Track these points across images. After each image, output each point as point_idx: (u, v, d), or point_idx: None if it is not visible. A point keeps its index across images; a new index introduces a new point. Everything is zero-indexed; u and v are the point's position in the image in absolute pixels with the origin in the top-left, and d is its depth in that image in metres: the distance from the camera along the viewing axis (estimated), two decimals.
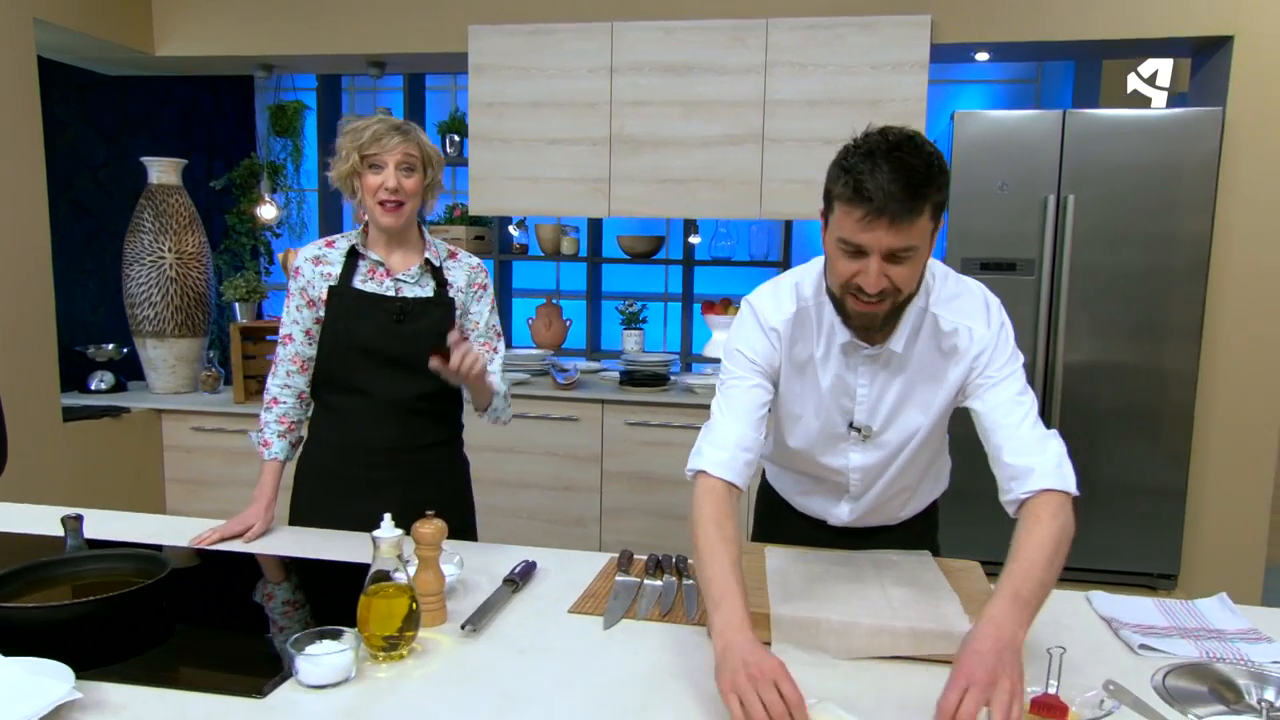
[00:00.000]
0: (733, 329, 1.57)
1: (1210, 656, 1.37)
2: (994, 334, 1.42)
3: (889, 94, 3.36)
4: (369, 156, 1.82)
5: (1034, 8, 3.30)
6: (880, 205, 1.25)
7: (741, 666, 1.12)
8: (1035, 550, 1.25)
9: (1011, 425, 1.37)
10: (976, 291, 1.47)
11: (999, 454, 1.37)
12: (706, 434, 1.49)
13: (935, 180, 1.28)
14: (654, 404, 3.59)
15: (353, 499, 1.95)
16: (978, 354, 1.42)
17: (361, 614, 1.29)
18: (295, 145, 5.32)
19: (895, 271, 1.32)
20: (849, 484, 1.62)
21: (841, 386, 1.51)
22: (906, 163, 1.26)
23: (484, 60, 3.66)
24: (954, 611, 1.39)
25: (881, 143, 1.30)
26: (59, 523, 1.65)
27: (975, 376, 1.42)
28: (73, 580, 1.47)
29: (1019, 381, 1.41)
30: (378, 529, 1.31)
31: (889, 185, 1.25)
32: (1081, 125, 3.20)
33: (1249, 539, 3.31)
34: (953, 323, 1.43)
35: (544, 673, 1.28)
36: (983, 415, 1.41)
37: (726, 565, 1.30)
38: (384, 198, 1.83)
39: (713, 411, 1.52)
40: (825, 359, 1.51)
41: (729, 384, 1.51)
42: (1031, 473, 1.32)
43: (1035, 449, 1.34)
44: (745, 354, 1.51)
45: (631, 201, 3.62)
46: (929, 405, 1.49)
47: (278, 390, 1.97)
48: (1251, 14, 3.16)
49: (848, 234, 1.31)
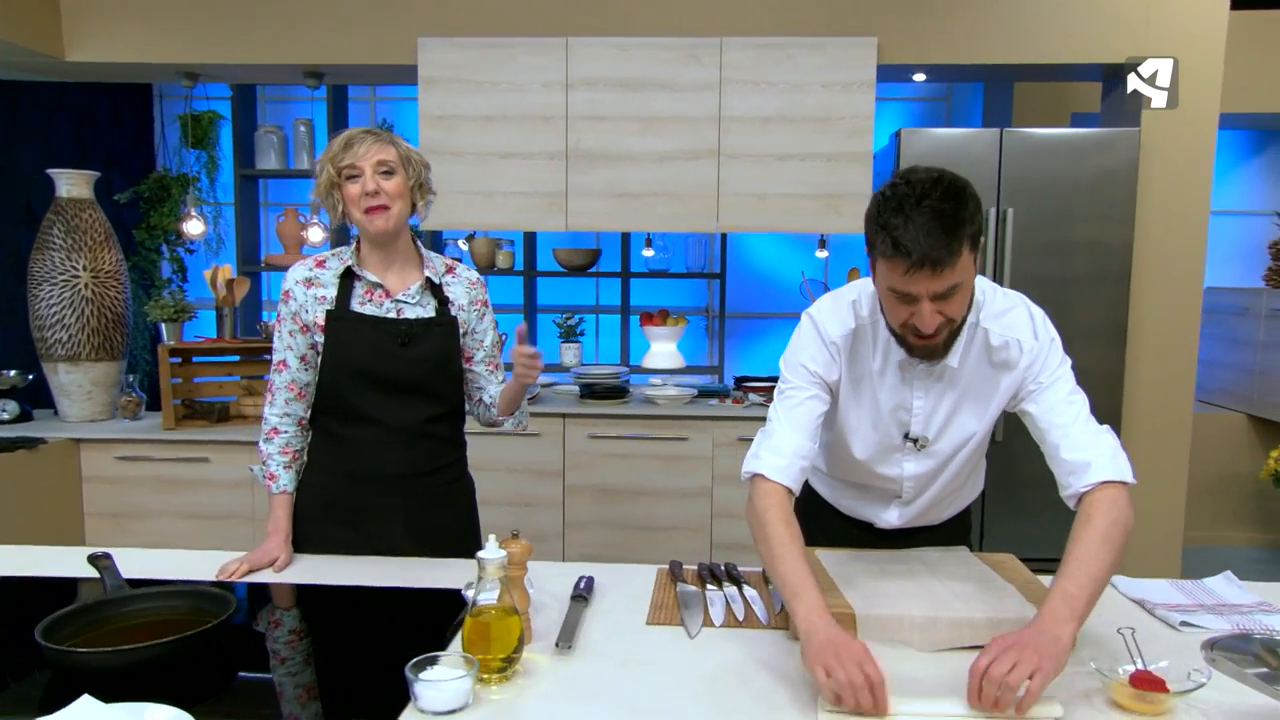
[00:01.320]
0: (794, 341, 1.61)
1: (1240, 629, 1.50)
2: (1043, 345, 1.51)
3: (839, 111, 3.51)
4: (344, 168, 1.77)
5: (969, 33, 3.52)
6: (920, 257, 1.30)
7: (828, 645, 1.20)
8: (1084, 549, 1.34)
9: (1066, 424, 1.47)
10: (1021, 305, 1.56)
11: (1056, 452, 1.46)
12: (765, 440, 1.53)
13: (967, 217, 1.34)
14: (615, 416, 3.61)
15: (360, 528, 1.89)
16: (1029, 364, 1.51)
17: (472, 636, 1.27)
18: (211, 157, 5.07)
19: (946, 307, 1.39)
20: (901, 490, 1.69)
21: (898, 400, 1.58)
22: (936, 209, 1.31)
23: (434, 73, 3.61)
24: (1018, 600, 1.48)
25: (909, 194, 1.33)
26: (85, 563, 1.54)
27: (1028, 384, 1.51)
28: (127, 620, 1.39)
29: (1069, 383, 1.51)
30: (482, 550, 1.29)
31: (924, 237, 1.30)
32: (1017, 143, 3.43)
33: (1169, 523, 3.61)
34: (1002, 337, 1.52)
35: (653, 684, 1.29)
36: (1037, 417, 1.50)
37: (800, 560, 1.37)
38: (367, 204, 1.77)
39: (770, 419, 1.56)
40: (882, 374, 1.57)
41: (788, 394, 1.56)
42: (1089, 467, 1.42)
43: (1090, 444, 1.44)
44: (807, 366, 1.56)
45: (589, 215, 3.64)
46: (982, 414, 1.58)
47: (277, 420, 1.89)
48: (1160, 43, 3.47)
49: (895, 284, 1.37)
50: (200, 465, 3.66)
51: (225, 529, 3.65)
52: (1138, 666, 1.26)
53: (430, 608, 1.58)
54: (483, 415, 2.04)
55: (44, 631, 1.27)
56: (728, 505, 3.59)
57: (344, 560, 1.83)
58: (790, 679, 1.31)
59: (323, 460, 1.90)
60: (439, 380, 1.88)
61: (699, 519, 3.61)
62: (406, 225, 1.87)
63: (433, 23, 3.66)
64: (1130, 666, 1.26)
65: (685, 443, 3.58)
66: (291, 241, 4.73)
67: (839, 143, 3.52)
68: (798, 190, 3.56)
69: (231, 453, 3.63)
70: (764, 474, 1.47)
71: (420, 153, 1.88)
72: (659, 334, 4.41)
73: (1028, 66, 3.60)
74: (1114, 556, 1.35)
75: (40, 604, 1.45)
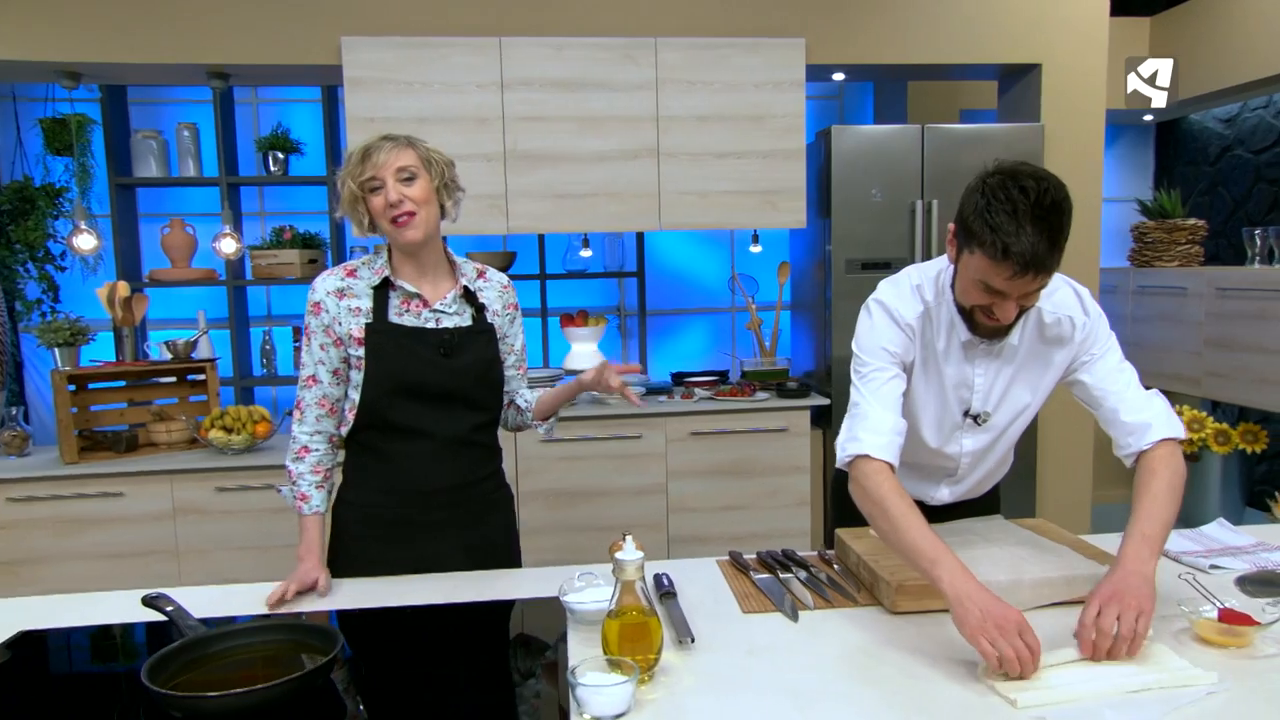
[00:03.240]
0: (866, 327, 1.66)
1: (1258, 566, 1.69)
2: (1094, 319, 1.64)
3: (771, 110, 3.62)
4: (365, 181, 1.70)
5: (888, 36, 3.72)
6: (1027, 265, 1.38)
7: (987, 617, 1.26)
8: (1153, 498, 1.47)
9: (1121, 390, 1.60)
10: (1065, 285, 1.67)
11: (1115, 416, 1.59)
12: (860, 422, 1.58)
13: (1067, 227, 1.41)
14: (568, 419, 3.58)
15: (408, 546, 1.82)
16: (1083, 339, 1.63)
17: (614, 639, 1.25)
18: (82, 165, 4.64)
19: (1027, 300, 1.49)
20: (958, 467, 1.78)
21: (961, 377, 1.67)
22: (1049, 223, 1.37)
23: (362, 74, 3.47)
24: (1079, 557, 1.61)
25: (1024, 202, 1.37)
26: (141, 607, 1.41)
27: (1081, 356, 1.64)
28: (229, 657, 1.28)
29: (1118, 352, 1.64)
30: (620, 551, 1.28)
31: (1032, 247, 1.36)
32: (936, 138, 3.65)
33: (1080, 483, 3.96)
34: (1054, 314, 1.63)
35: (794, 667, 1.32)
36: (1091, 385, 1.63)
37: (926, 527, 1.42)
38: (392, 214, 1.71)
39: (857, 401, 1.61)
40: (946, 353, 1.66)
41: (871, 376, 1.62)
42: (1150, 427, 1.55)
43: (1146, 406, 1.58)
44: (887, 348, 1.62)
45: (530, 218, 3.60)
46: (1037, 387, 1.69)
47: (307, 438, 1.80)
48: (1055, 46, 3.79)
49: (990, 280, 1.44)
50: (113, 500, 3.37)
51: (146, 566, 3.38)
52: (1219, 605, 1.39)
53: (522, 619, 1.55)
54: (511, 420, 2.00)
55: (149, 675, 1.16)
56: (683, 500, 3.64)
57: (401, 580, 1.75)
58: (918, 650, 1.37)
59: (365, 478, 1.81)
60: (482, 388, 1.84)
61: (655, 515, 3.64)
62: (438, 231, 1.80)
63: (356, 22, 3.51)
64: (1210, 606, 1.40)
65: (638, 440, 3.60)
66: (180, 254, 4.41)
67: (773, 140, 3.64)
68: (737, 187, 3.65)
69: (149, 484, 3.37)
70: (868, 454, 1.52)
71: (441, 151, 1.82)
72: (580, 335, 4.40)
73: (939, 66, 3.84)
74: (1178, 503, 1.49)
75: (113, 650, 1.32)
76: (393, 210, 1.70)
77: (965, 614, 1.27)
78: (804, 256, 4.12)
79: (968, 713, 1.18)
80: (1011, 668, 1.22)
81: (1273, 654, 1.32)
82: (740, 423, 3.62)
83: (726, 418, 3.62)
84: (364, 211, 1.74)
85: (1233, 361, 3.98)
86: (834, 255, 3.67)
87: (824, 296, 3.79)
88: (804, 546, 3.14)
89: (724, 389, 3.80)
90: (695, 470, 3.64)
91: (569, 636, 1.44)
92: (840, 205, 3.63)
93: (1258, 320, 3.82)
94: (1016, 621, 1.26)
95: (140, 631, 1.50)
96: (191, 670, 1.24)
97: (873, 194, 3.63)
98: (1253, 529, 1.93)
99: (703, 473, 3.64)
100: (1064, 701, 1.20)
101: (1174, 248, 4.49)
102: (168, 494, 3.36)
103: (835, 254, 3.66)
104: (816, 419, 3.78)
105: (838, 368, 3.72)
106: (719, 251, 4.66)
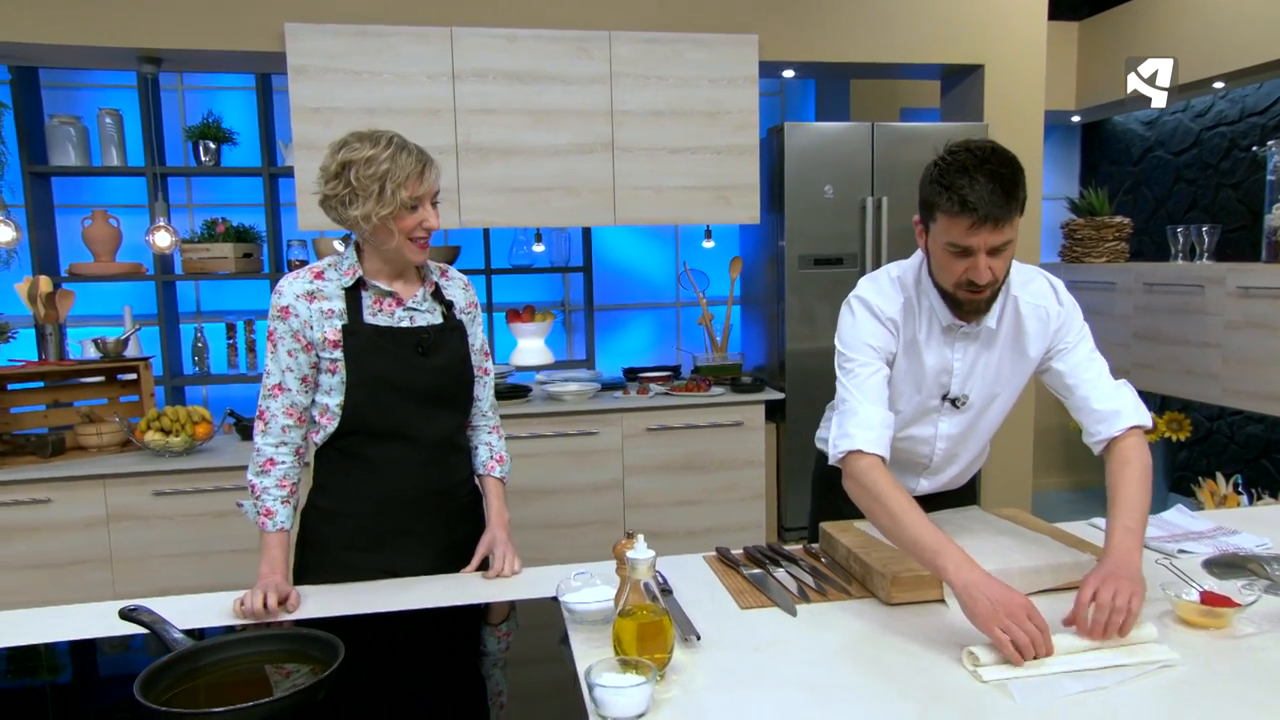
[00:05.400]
0: (849, 324, 1.69)
1: (1221, 550, 1.76)
2: (1067, 309, 1.69)
3: (725, 106, 3.63)
4: (414, 198, 1.65)
5: (838, 34, 3.78)
6: (984, 213, 1.47)
7: (996, 605, 1.30)
8: (1132, 487, 1.53)
9: (1092, 379, 1.65)
10: (1040, 277, 1.73)
11: (1086, 403, 1.64)
12: (849, 419, 1.60)
13: (1021, 182, 1.52)
14: (521, 416, 3.54)
15: (381, 553, 1.77)
16: (1056, 328, 1.69)
17: (627, 637, 1.24)
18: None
19: (996, 263, 1.55)
20: (933, 455, 1.81)
21: (941, 363, 1.71)
22: (998, 173, 1.48)
23: (306, 62, 3.35)
24: (1059, 546, 1.65)
25: (971, 158, 1.50)
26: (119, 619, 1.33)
27: (1056, 344, 1.69)
28: (226, 669, 1.22)
29: (1090, 342, 1.70)
30: (632, 550, 1.26)
31: (988, 195, 1.47)
32: (886, 136, 3.71)
33: (1020, 470, 4.10)
34: (1030, 304, 1.69)
35: (802, 661, 1.33)
36: (1065, 373, 1.68)
37: (925, 519, 1.46)
38: (420, 235, 1.69)
39: (844, 398, 1.64)
40: (928, 340, 1.69)
41: (856, 371, 1.64)
42: (1119, 415, 1.61)
43: (1116, 395, 1.63)
44: (870, 344, 1.66)
45: (483, 212, 3.53)
46: (1014, 374, 1.74)
47: (272, 450, 1.72)
48: (997, 48, 3.90)
49: (956, 238, 1.52)
50: (39, 508, 3.20)
51: (78, 575, 3.22)
52: (1199, 589, 1.45)
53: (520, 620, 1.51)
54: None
55: (143, 692, 1.09)
56: (640, 496, 3.63)
57: (386, 585, 1.70)
58: (921, 639, 1.39)
59: (344, 484, 1.75)
60: (458, 387, 1.81)
61: (611, 512, 3.63)
62: None
63: (299, 7, 3.39)
64: (1190, 590, 1.45)
65: (594, 437, 3.58)
66: (103, 248, 4.20)
67: (727, 136, 3.65)
68: (691, 183, 3.66)
69: (79, 489, 3.21)
70: (860, 449, 1.54)
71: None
72: (526, 330, 4.36)
73: (886, 65, 3.91)
74: (1150, 491, 1.55)
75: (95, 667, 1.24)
76: (424, 232, 1.68)
77: (975, 604, 1.30)
78: (756, 252, 4.15)
79: (979, 699, 1.20)
80: (1027, 652, 1.24)
81: (1250, 634, 1.38)
82: (696, 418, 3.63)
83: (682, 413, 3.63)
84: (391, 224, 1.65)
85: (1158, 353, 4.16)
86: (787, 251, 3.70)
87: (777, 292, 3.82)
88: (759, 540, 3.17)
89: (678, 384, 3.80)
90: (651, 466, 3.63)
91: (570, 637, 1.42)
92: (792, 201, 3.67)
93: (1181, 313, 4.01)
94: (1023, 605, 1.30)
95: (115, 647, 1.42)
96: (185, 683, 1.18)
97: (825, 190, 3.68)
98: (1209, 514, 2.01)
99: (659, 468, 3.64)
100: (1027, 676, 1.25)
101: (1102, 244, 4.68)
102: (100, 500, 3.20)
103: (788, 250, 3.70)
104: (771, 413, 3.81)
105: (791, 362, 3.76)
106: (665, 247, 4.67)
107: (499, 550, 1.77)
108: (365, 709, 1.21)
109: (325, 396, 1.73)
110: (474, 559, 1.78)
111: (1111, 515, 1.51)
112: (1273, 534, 1.84)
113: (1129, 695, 1.21)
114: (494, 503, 1.90)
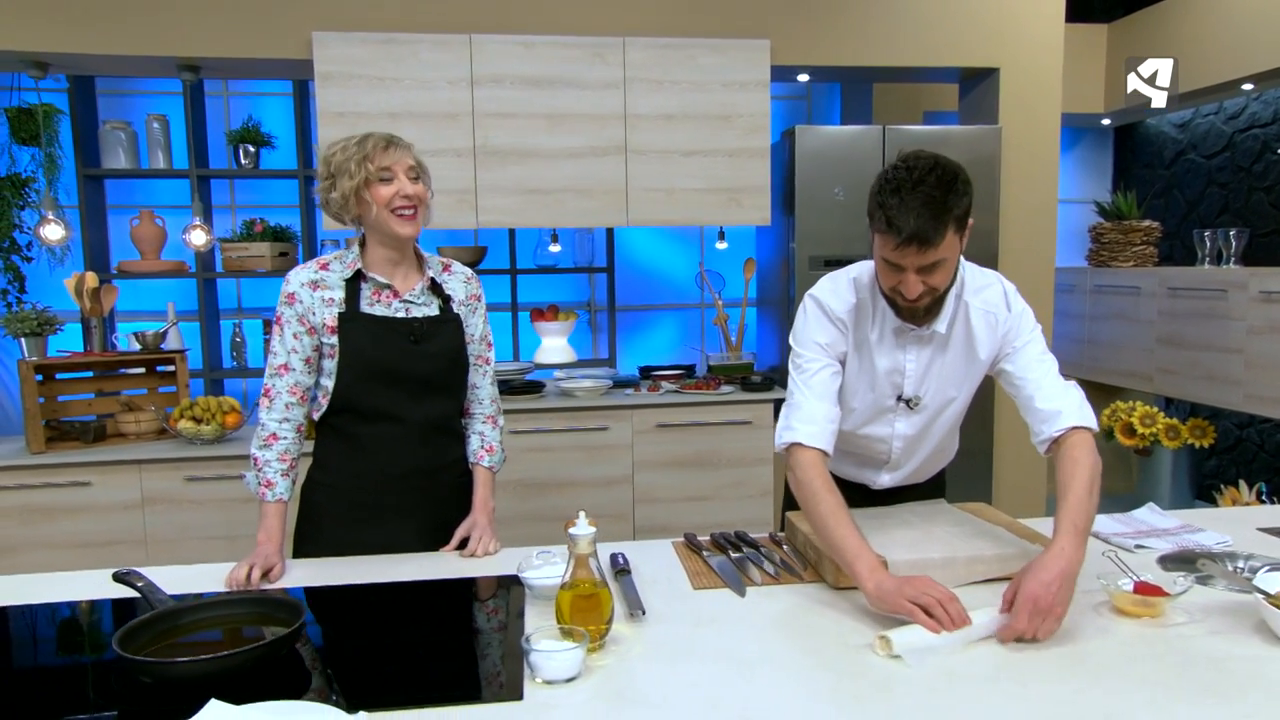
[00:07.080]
0: (801, 322, 1.77)
1: (1180, 547, 1.79)
2: (1016, 314, 1.73)
3: (737, 110, 3.70)
4: (382, 169, 1.78)
5: (850, 38, 3.82)
6: (909, 235, 1.50)
7: (899, 587, 1.39)
8: (1082, 487, 1.53)
9: (1038, 379, 1.68)
10: (997, 283, 1.77)
11: (1030, 402, 1.67)
12: (794, 413, 1.67)
13: (954, 204, 1.54)
14: (535, 410, 3.65)
15: (373, 527, 1.89)
16: (1005, 332, 1.72)
17: (567, 609, 1.33)
18: (50, 156, 4.63)
19: (930, 278, 1.59)
20: (891, 452, 1.87)
21: (893, 364, 1.76)
22: (928, 195, 1.51)
23: (333, 69, 3.50)
24: (1010, 537, 1.70)
25: (906, 179, 1.53)
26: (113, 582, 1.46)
27: (1005, 347, 1.73)
28: (197, 628, 1.34)
29: (1040, 344, 1.73)
30: (574, 527, 1.35)
31: (915, 219, 1.49)
32: (896, 139, 3.75)
33: (1035, 476, 4.08)
34: (980, 310, 1.73)
35: (736, 636, 1.40)
36: (1013, 373, 1.71)
37: (850, 524, 1.52)
38: (399, 204, 1.80)
39: (793, 393, 1.71)
40: (880, 341, 1.75)
41: (805, 368, 1.71)
42: (1060, 415, 1.63)
43: (1060, 395, 1.66)
44: (819, 342, 1.72)
45: (500, 213, 3.65)
46: (965, 377, 1.78)
47: (276, 425, 1.86)
48: (1013, 51, 3.90)
49: (887, 256, 1.58)
50: (81, 490, 3.40)
51: (115, 554, 3.42)
52: (1135, 579, 1.49)
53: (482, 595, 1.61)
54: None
55: (121, 643, 1.22)
56: (649, 491, 3.71)
57: (365, 560, 1.81)
58: (852, 621, 1.45)
59: (337, 461, 1.89)
60: (451, 375, 1.92)
61: (621, 506, 3.71)
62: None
63: (327, 17, 3.55)
64: (1126, 580, 1.49)
65: (605, 432, 3.67)
66: (149, 246, 4.42)
67: (739, 139, 3.72)
68: (703, 185, 3.73)
69: (117, 473, 3.40)
70: (801, 442, 1.61)
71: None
72: (550, 329, 4.46)
73: (900, 69, 3.94)
74: (1098, 493, 1.57)
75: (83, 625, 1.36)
76: (403, 202, 1.79)
77: (882, 593, 1.38)
78: (769, 253, 4.20)
79: (892, 676, 1.26)
80: (937, 610, 1.32)
81: (1181, 623, 1.42)
82: (705, 415, 3.70)
83: (692, 410, 3.70)
84: (368, 198, 1.79)
85: (1183, 358, 4.11)
86: (798, 252, 3.76)
87: (788, 293, 3.88)
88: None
89: (690, 382, 3.88)
90: (661, 461, 3.71)
91: (526, 610, 1.52)
92: (804, 203, 3.72)
93: (1206, 319, 3.96)
94: (925, 580, 1.39)
95: (108, 607, 1.55)
96: (162, 640, 1.30)
97: (835, 193, 3.73)
98: (1180, 512, 2.03)
99: (668, 464, 3.72)
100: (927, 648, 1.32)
101: (1129, 248, 4.63)
102: (136, 484, 3.39)
103: (799, 251, 3.75)
104: (779, 412, 3.85)
105: None
106: (688, 248, 4.74)
107: (477, 533, 1.88)
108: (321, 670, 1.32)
109: (326, 379, 1.86)
110: (453, 539, 1.89)
111: (1060, 513, 1.51)
112: (1236, 533, 1.86)
113: (1039, 673, 1.26)
114: (480, 489, 2.00)
